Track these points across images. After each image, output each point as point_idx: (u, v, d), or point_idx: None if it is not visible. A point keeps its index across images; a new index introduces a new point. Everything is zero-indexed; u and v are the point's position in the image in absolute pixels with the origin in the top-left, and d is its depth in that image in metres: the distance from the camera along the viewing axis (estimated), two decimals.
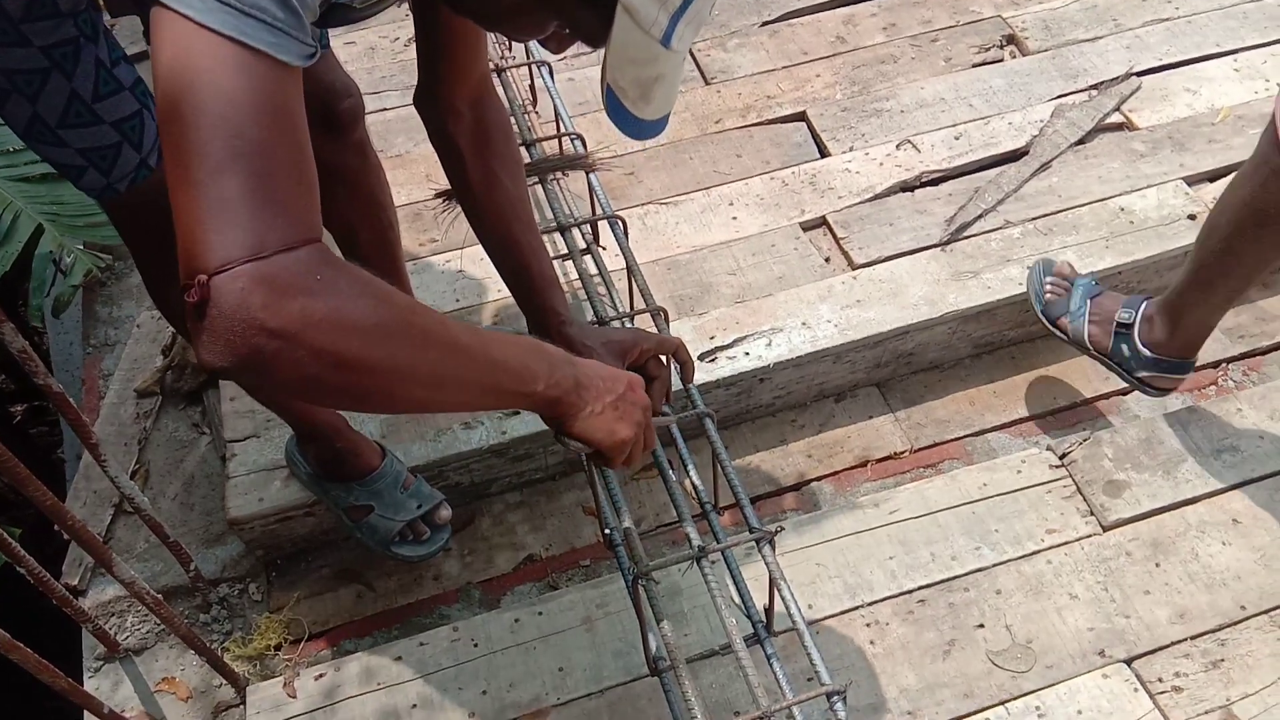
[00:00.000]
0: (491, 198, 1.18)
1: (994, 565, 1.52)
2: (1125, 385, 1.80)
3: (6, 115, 1.04)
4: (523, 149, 1.52)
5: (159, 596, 1.32)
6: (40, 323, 2.03)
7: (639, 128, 0.89)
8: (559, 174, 1.76)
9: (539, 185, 1.60)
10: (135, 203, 1.13)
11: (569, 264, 1.67)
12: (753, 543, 1.15)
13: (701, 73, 2.22)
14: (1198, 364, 1.81)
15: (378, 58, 2.28)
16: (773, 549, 1.13)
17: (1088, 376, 1.83)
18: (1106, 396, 1.80)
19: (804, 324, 1.76)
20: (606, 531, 1.26)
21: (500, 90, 1.77)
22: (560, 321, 1.19)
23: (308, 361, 0.66)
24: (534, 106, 1.98)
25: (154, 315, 1.89)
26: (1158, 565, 1.50)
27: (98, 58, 1.04)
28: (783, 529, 1.46)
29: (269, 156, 0.65)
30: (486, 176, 1.18)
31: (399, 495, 1.52)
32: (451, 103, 1.15)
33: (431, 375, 0.76)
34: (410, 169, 2.05)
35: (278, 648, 1.54)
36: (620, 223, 1.49)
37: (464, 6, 0.90)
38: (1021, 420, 1.78)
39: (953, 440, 1.77)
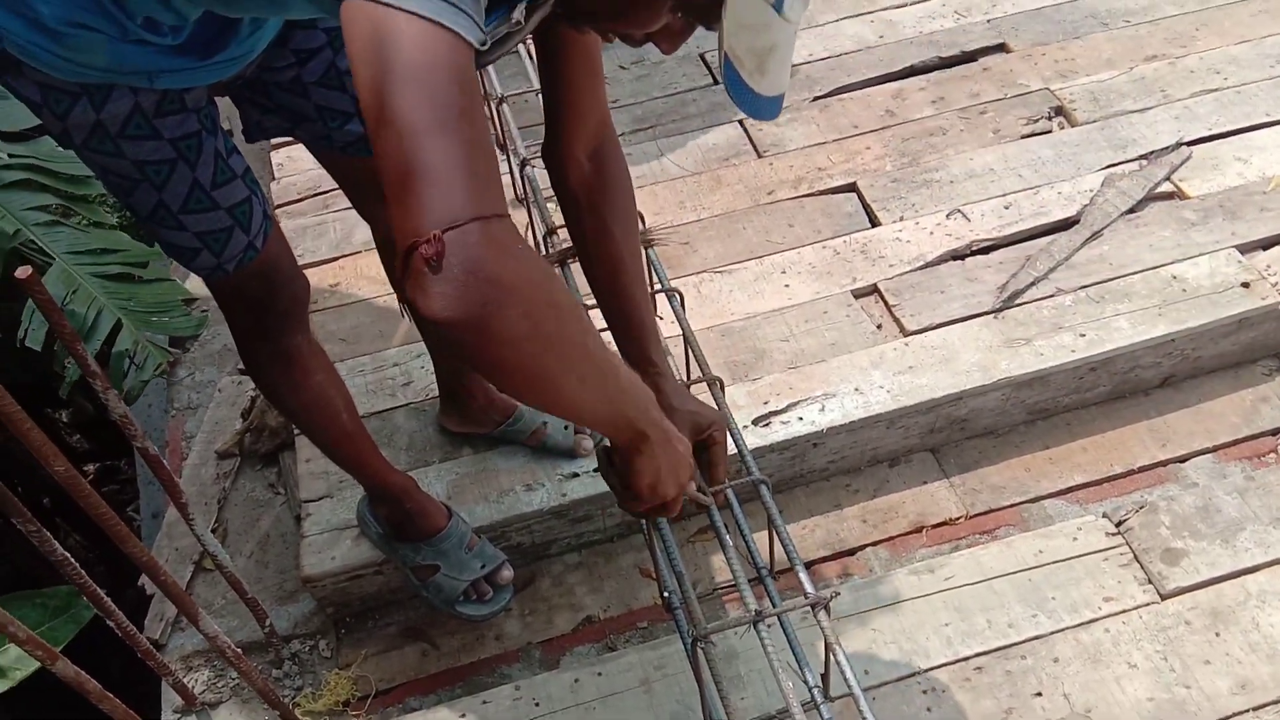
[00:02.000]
0: (603, 249, 1.23)
1: (1051, 633, 1.52)
2: (1182, 452, 1.80)
3: (133, 203, 1.15)
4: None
5: (239, 650, 1.38)
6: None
7: (756, 105, 0.92)
8: None
9: None
10: (240, 280, 1.23)
11: None
12: (808, 608, 1.18)
13: (754, 146, 2.30)
14: (1255, 433, 1.82)
15: None
16: (828, 614, 1.16)
17: (1144, 443, 1.83)
18: (1163, 464, 1.80)
19: (857, 389, 1.79)
20: (665, 595, 1.29)
21: None
22: (656, 373, 1.24)
23: (517, 320, 0.71)
24: None
25: (234, 380, 1.99)
26: (1218, 635, 1.49)
27: (216, 149, 1.15)
28: (838, 594, 1.49)
29: (474, 125, 0.71)
30: (599, 228, 1.23)
31: (464, 555, 1.57)
32: (572, 153, 1.19)
33: (585, 369, 0.81)
34: None
35: (346, 704, 1.59)
36: (678, 296, 1.55)
37: (577, 11, 0.93)
38: (1077, 487, 1.79)
39: (1008, 506, 1.78)
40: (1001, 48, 2.45)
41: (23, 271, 1.06)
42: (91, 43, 0.99)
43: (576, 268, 1.34)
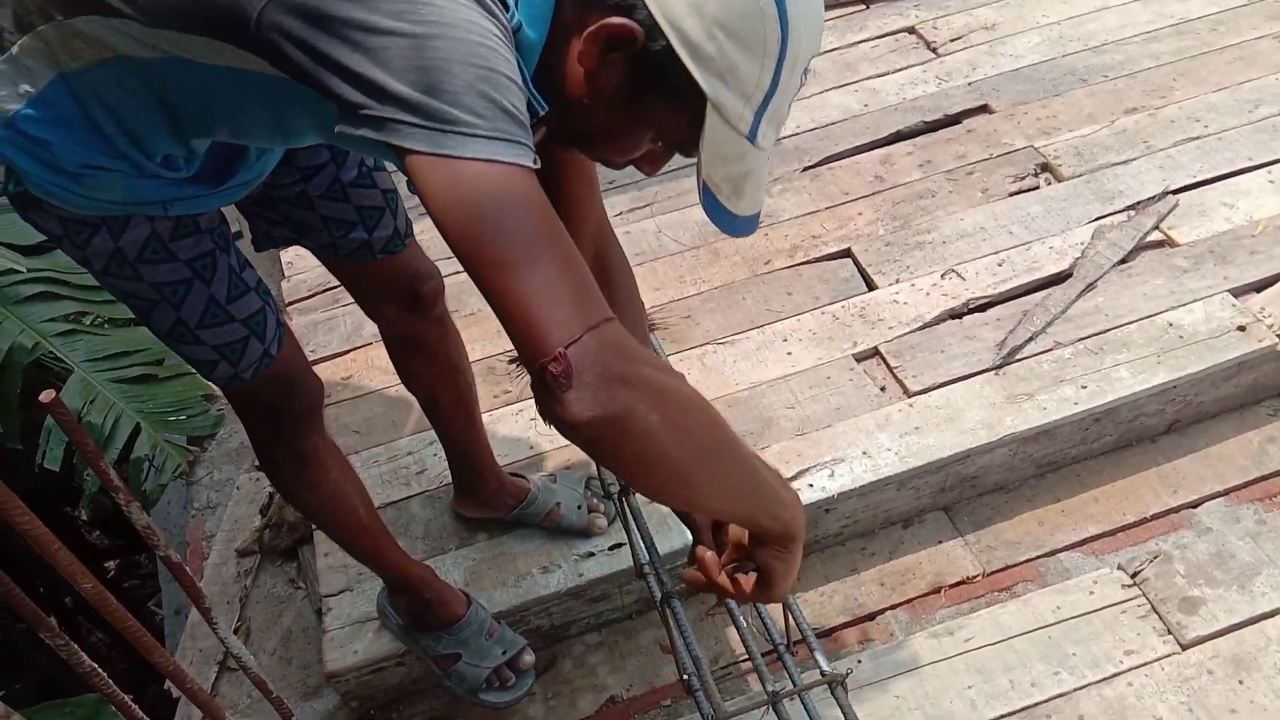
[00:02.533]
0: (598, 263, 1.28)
1: (1075, 690, 1.51)
2: (1194, 497, 1.81)
3: (153, 322, 1.20)
4: None
5: None
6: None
7: (733, 224, 0.98)
8: None
9: None
10: (256, 387, 1.27)
11: None
12: (825, 684, 1.19)
13: None
14: (1265, 474, 1.82)
15: None
16: (845, 691, 1.17)
17: (1155, 490, 1.84)
18: (1175, 510, 1.81)
19: (865, 453, 1.81)
20: (685, 677, 1.30)
21: None
22: None
23: (650, 412, 0.76)
24: None
25: (252, 477, 2.02)
26: (1241, 682, 1.49)
27: (230, 265, 1.20)
28: (851, 671, 1.49)
29: (561, 243, 0.77)
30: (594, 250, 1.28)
31: (484, 642, 1.58)
32: None
33: (723, 464, 0.85)
34: (483, 326, 2.19)
35: None
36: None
37: (566, 138, 0.99)
38: (1092, 538, 1.79)
39: (1025, 562, 1.78)
40: (984, 109, 2.52)
41: (46, 396, 1.10)
42: (109, 181, 1.04)
43: None
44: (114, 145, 1.01)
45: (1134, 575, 1.64)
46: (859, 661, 1.60)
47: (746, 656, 1.69)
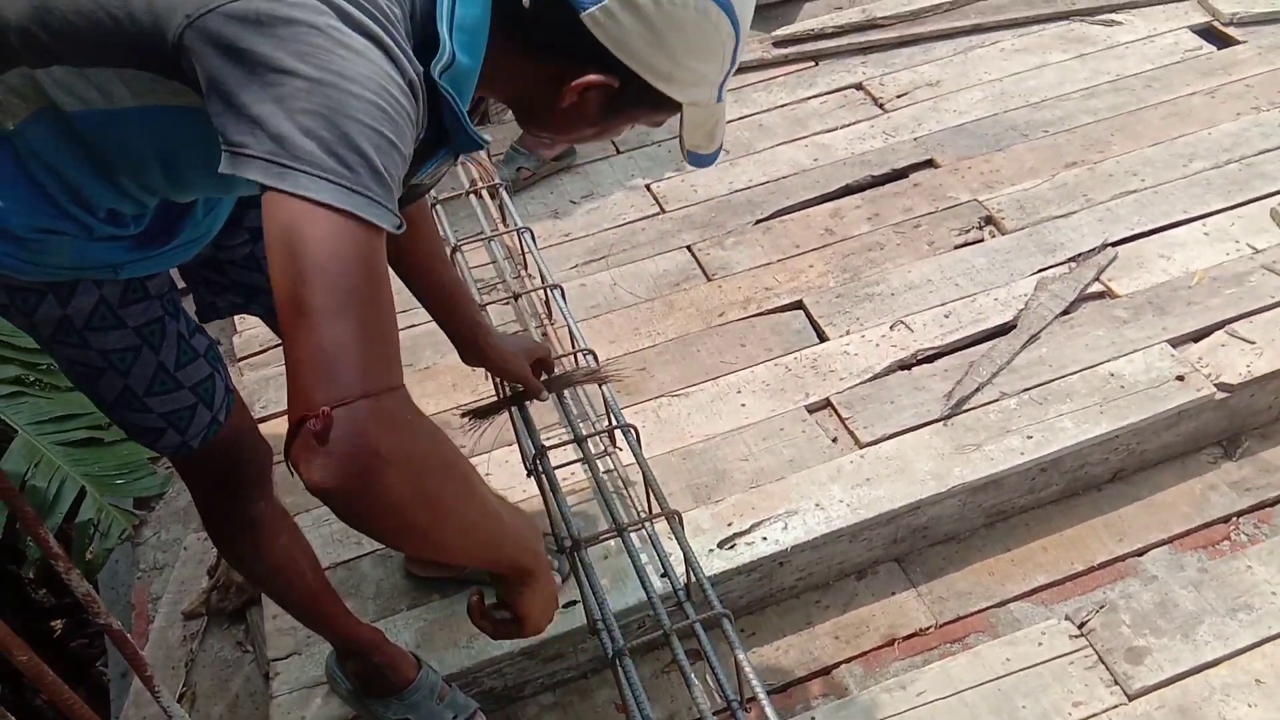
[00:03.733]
0: (415, 247, 1.36)
1: None
2: (1139, 545, 1.84)
3: (99, 390, 1.18)
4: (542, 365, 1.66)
5: None
6: None
7: (704, 161, 1.10)
8: (576, 387, 1.89)
9: (557, 398, 1.72)
10: (203, 455, 1.26)
11: (586, 467, 1.76)
12: None
13: (703, 270, 2.38)
14: (1206, 521, 1.86)
15: None
16: None
17: (1101, 539, 1.87)
18: (1121, 559, 1.84)
19: (817, 505, 1.83)
20: None
21: (519, 310, 1.92)
22: (485, 333, 1.49)
23: (395, 487, 0.76)
24: (549, 320, 2.13)
25: (200, 537, 1.99)
26: None
27: (179, 331, 1.19)
28: None
29: (374, 309, 0.77)
30: (412, 238, 1.32)
31: (435, 707, 1.56)
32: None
33: (466, 521, 0.88)
34: (438, 380, 2.18)
35: None
36: (633, 431, 1.59)
37: (540, 124, 1.05)
38: (1041, 588, 1.82)
39: (976, 613, 1.80)
40: (930, 163, 2.59)
41: None
42: (58, 245, 1.03)
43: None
44: (58, 205, 1.01)
45: (1081, 625, 1.66)
46: (813, 718, 1.60)
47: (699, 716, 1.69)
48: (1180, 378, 1.94)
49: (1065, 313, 2.11)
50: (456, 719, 1.57)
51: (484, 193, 2.27)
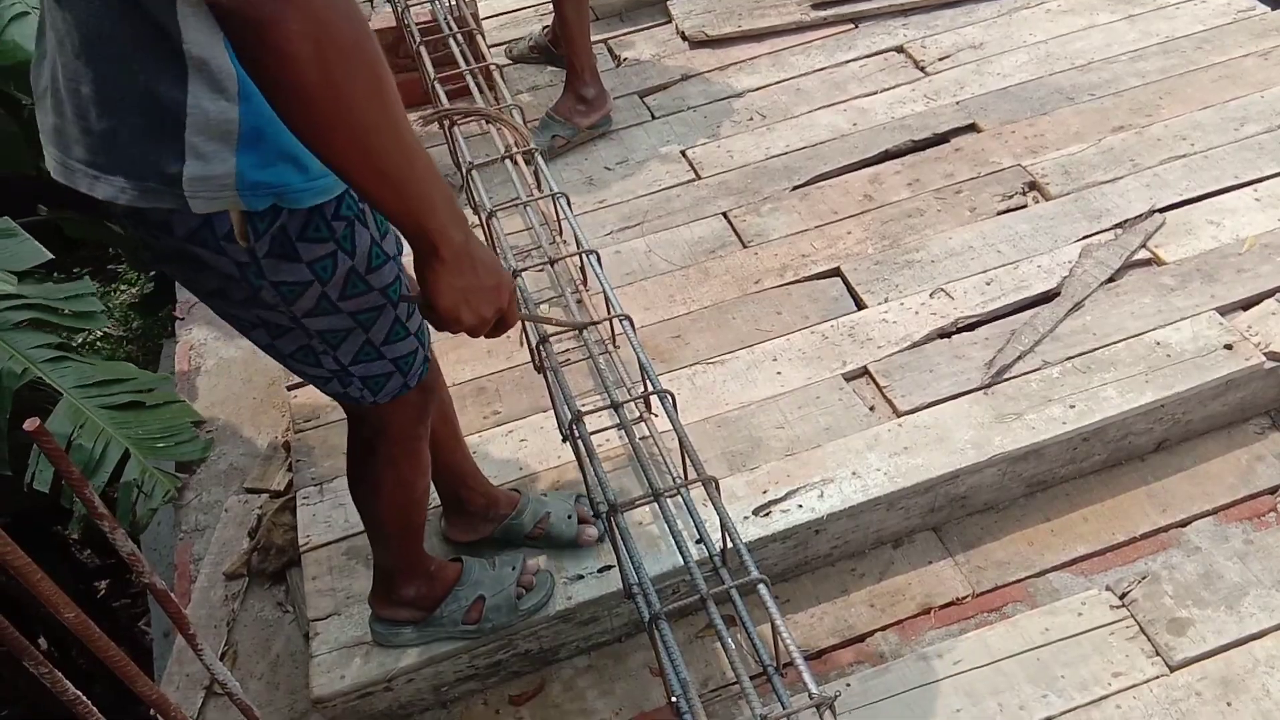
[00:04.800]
0: None
1: (1062, 713, 1.51)
2: (1183, 516, 1.81)
3: (342, 351, 1.21)
4: (576, 332, 1.65)
5: None
6: None
7: None
8: (611, 346, 1.88)
9: (589, 360, 1.71)
10: (411, 394, 1.30)
11: (622, 433, 1.76)
12: (814, 708, 1.19)
13: (739, 237, 2.36)
14: (1253, 492, 1.83)
15: None
16: (834, 715, 1.16)
17: (1144, 509, 1.84)
18: (1164, 529, 1.81)
19: (854, 473, 1.81)
20: (673, 700, 1.30)
21: (554, 276, 1.92)
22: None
23: (300, 40, 0.74)
24: (585, 286, 2.12)
25: (241, 499, 2.02)
26: (1229, 704, 1.49)
27: (399, 278, 1.20)
28: (839, 694, 1.49)
29: None
30: None
31: (493, 572, 1.66)
32: None
33: (368, 124, 0.83)
34: (472, 347, 2.19)
35: None
36: (670, 397, 1.58)
37: None
38: (1081, 558, 1.79)
39: (1014, 582, 1.78)
40: (972, 128, 2.53)
41: (30, 424, 1.09)
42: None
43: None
44: None
45: (1122, 596, 1.64)
46: (848, 685, 1.60)
47: (731, 684, 1.69)
48: (1228, 346, 1.90)
49: (1110, 280, 2.07)
50: (515, 568, 1.66)
51: (519, 159, 2.26)
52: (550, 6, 3.03)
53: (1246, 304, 2.00)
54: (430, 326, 1.15)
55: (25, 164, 2.58)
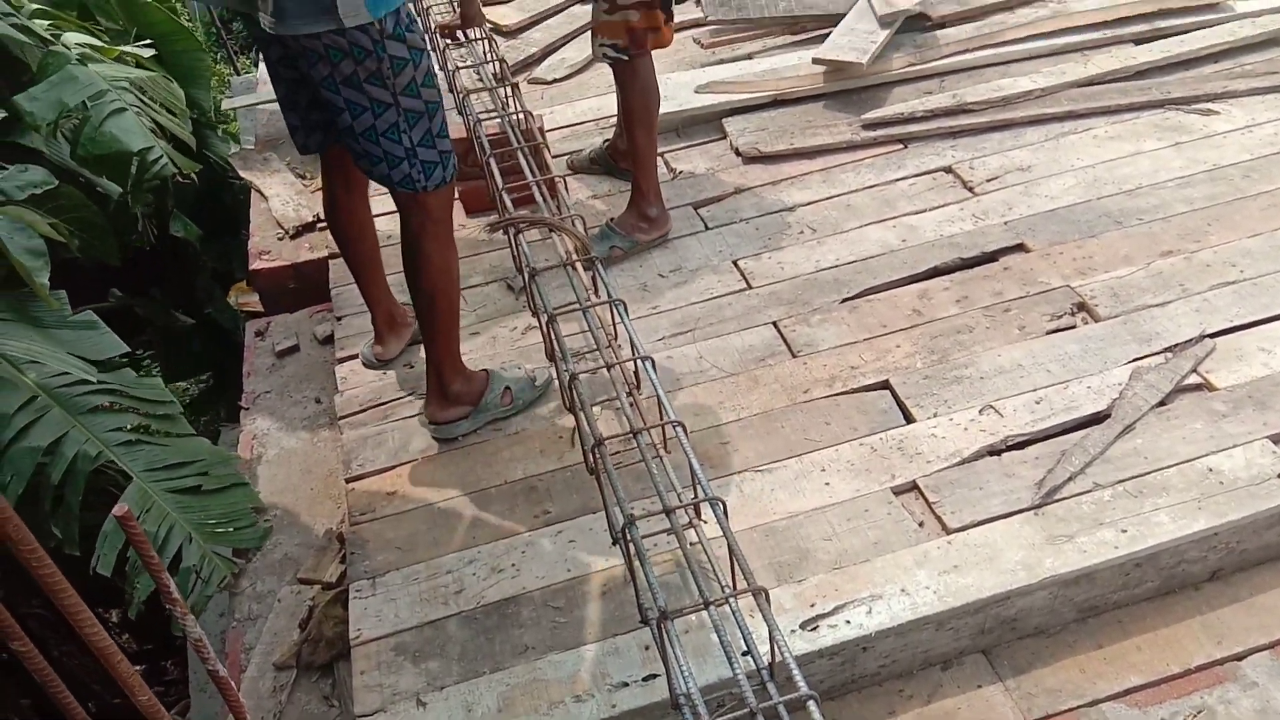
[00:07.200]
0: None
1: None
2: (1239, 649, 1.77)
3: (415, 131, 1.93)
4: (630, 438, 1.70)
5: None
6: None
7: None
8: (662, 450, 1.92)
9: (643, 464, 1.74)
10: (448, 188, 2.07)
11: (671, 538, 1.78)
12: None
13: (789, 346, 2.41)
14: None
15: (498, 345, 2.54)
16: None
17: (1199, 640, 1.81)
18: (1220, 662, 1.77)
19: (903, 590, 1.81)
20: None
21: (610, 379, 1.97)
22: None
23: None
24: (638, 390, 2.17)
25: (294, 590, 2.06)
26: None
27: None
28: None
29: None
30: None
31: (507, 373, 2.30)
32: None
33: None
34: (526, 445, 2.23)
35: None
36: (721, 504, 1.61)
37: None
38: (1135, 689, 1.76)
39: (1066, 711, 1.75)
40: (1020, 248, 2.58)
41: (119, 510, 1.15)
42: None
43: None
44: None
45: None
46: None
47: None
48: None
49: (1161, 404, 2.08)
50: (520, 368, 2.34)
51: (579, 265, 2.35)
52: (611, 120, 3.17)
53: None
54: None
55: (112, 255, 2.71)
